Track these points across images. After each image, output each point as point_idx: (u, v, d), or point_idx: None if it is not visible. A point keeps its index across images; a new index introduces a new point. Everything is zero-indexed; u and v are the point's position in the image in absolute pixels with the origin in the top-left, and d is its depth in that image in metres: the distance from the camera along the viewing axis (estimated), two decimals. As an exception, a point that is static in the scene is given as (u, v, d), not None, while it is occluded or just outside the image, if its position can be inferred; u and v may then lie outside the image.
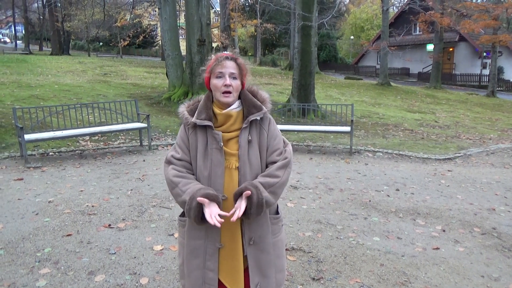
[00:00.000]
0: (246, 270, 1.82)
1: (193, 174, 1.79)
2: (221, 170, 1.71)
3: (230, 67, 1.72)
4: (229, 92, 1.72)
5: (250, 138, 1.74)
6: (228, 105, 1.75)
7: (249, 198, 1.63)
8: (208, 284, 1.77)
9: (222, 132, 1.74)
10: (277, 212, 1.90)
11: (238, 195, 1.66)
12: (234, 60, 1.75)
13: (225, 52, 1.79)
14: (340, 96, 17.77)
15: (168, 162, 1.79)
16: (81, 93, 12.12)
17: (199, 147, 1.74)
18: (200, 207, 1.63)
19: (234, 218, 1.60)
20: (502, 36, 20.62)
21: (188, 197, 1.65)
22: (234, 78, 1.73)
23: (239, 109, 1.78)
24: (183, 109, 1.82)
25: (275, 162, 1.77)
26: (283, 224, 1.95)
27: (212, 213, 1.61)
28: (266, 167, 1.79)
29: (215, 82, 1.74)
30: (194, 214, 1.64)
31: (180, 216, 1.90)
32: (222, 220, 1.61)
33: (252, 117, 1.74)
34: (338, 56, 40.25)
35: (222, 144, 1.71)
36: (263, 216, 1.79)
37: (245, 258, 1.80)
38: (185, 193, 1.67)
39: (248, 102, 1.78)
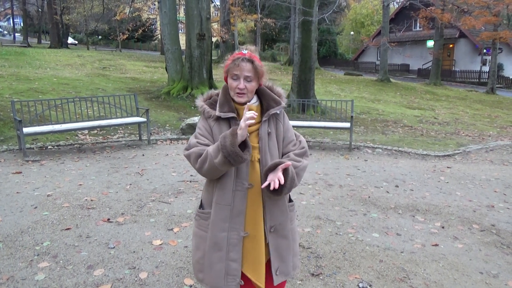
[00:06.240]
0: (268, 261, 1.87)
1: None
2: (246, 161, 1.74)
3: (245, 69, 1.73)
4: (243, 93, 1.76)
5: (269, 130, 1.81)
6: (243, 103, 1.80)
7: (284, 171, 1.70)
8: (231, 276, 1.78)
9: None
10: (290, 200, 1.97)
11: (270, 170, 1.71)
12: (251, 62, 1.74)
13: (243, 51, 1.77)
14: (339, 92, 17.75)
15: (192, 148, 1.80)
16: (80, 87, 12.07)
17: None
18: (234, 133, 1.64)
19: (276, 184, 1.65)
20: (502, 32, 20.58)
21: (218, 141, 1.67)
22: (249, 80, 1.75)
23: (257, 103, 1.84)
24: (201, 103, 1.86)
25: (289, 152, 1.86)
26: (296, 211, 1.99)
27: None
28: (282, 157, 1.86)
29: (230, 82, 1.78)
30: (231, 140, 1.62)
31: (199, 208, 1.90)
32: (256, 114, 1.66)
33: (272, 111, 1.80)
34: (338, 52, 40.13)
35: (248, 134, 1.73)
36: (283, 203, 1.88)
37: (266, 246, 1.84)
38: (214, 145, 1.70)
39: (267, 97, 1.83)
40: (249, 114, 1.64)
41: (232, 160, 1.63)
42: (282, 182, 1.67)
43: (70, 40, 46.18)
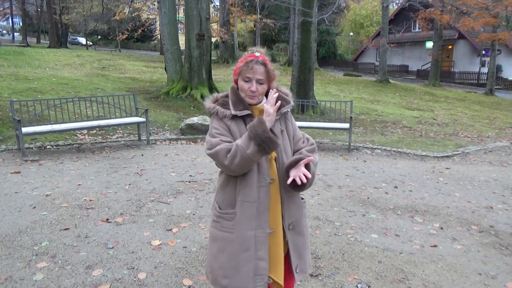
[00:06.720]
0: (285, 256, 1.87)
1: None
2: (265, 157, 1.75)
3: (258, 72, 1.74)
4: (255, 96, 1.79)
5: (282, 128, 1.85)
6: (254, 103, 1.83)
7: (306, 166, 1.73)
8: (260, 276, 1.74)
9: None
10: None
11: (291, 166, 1.73)
12: (264, 65, 1.75)
13: (255, 53, 1.77)
14: (339, 92, 17.77)
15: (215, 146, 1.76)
16: (79, 87, 12.06)
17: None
18: (262, 121, 1.66)
19: (304, 179, 1.68)
20: (501, 34, 20.61)
21: (246, 132, 1.67)
22: (261, 83, 1.78)
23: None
24: (212, 104, 1.84)
25: (300, 149, 1.88)
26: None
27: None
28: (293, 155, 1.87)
29: (242, 84, 1.79)
30: (262, 127, 1.63)
31: (220, 209, 1.83)
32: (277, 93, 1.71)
33: (284, 109, 1.85)
34: (337, 53, 40.17)
35: None
36: (298, 199, 1.90)
37: (285, 243, 1.85)
38: (242, 138, 1.69)
39: (278, 96, 1.83)
40: (273, 99, 1.66)
41: (267, 146, 1.63)
42: (310, 176, 1.69)
43: (84, 41, 44.81)
